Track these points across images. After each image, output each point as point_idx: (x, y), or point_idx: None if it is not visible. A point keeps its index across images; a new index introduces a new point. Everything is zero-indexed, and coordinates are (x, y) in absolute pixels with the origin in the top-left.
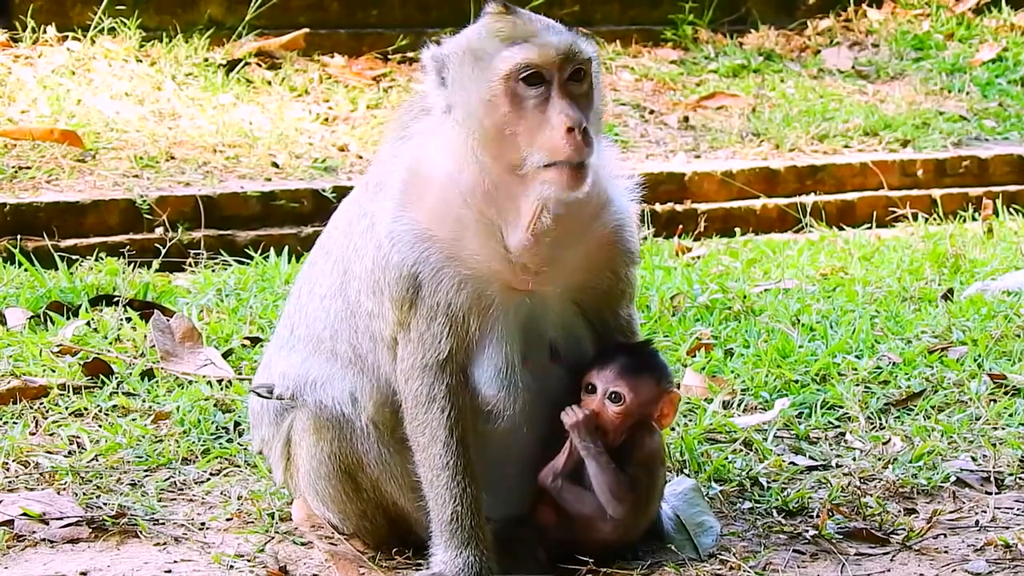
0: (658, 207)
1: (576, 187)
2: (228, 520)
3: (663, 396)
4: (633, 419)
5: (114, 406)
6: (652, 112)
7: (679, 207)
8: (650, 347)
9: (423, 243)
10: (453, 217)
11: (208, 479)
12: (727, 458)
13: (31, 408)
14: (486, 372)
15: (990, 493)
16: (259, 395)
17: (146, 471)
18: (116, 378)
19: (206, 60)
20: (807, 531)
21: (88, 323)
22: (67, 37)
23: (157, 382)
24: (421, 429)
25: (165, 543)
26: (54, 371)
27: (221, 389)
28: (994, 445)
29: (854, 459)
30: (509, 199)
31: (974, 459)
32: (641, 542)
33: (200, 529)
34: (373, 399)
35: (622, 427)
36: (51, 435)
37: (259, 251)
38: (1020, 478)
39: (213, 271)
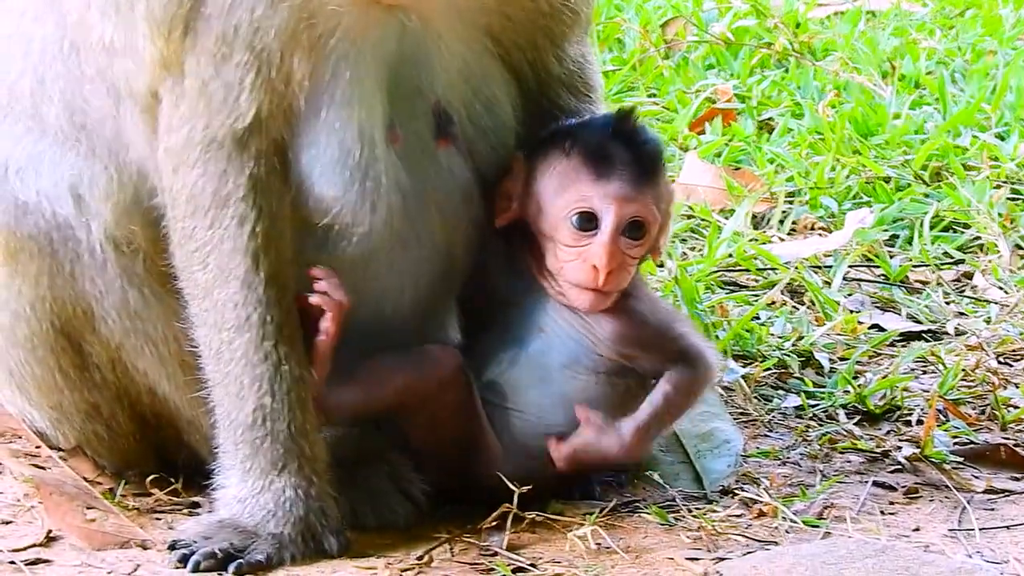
0: None
1: None
2: None
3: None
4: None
5: None
6: None
7: None
8: (633, 115)
9: None
10: None
11: None
12: (757, 317)
13: None
14: (322, 156)
15: None
16: None
17: None
18: None
19: None
20: (899, 449)
21: None
22: None
23: None
24: (201, 257)
25: None
26: None
27: None
28: None
29: (987, 321)
30: None
31: None
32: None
33: None
34: (112, 200)
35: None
36: None
37: None
38: None
39: None
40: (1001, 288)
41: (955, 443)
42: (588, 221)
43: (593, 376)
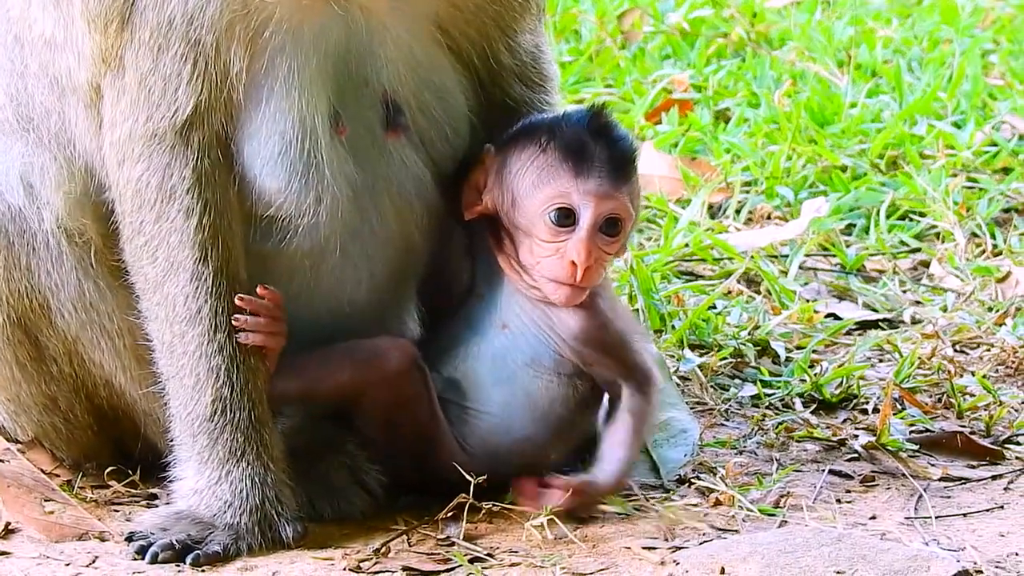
0: None
1: None
2: None
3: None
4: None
5: None
6: None
7: None
8: (607, 112)
9: None
10: None
11: None
12: (714, 306)
13: None
14: (263, 148)
15: None
16: None
17: None
18: None
19: None
20: (855, 438)
21: None
22: None
23: None
24: (150, 251)
25: None
26: None
27: None
28: None
29: (944, 309)
30: None
31: None
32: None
33: None
34: (64, 189)
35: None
36: None
37: None
38: None
39: None
40: (957, 276)
41: (911, 431)
42: (566, 217)
43: (555, 377)
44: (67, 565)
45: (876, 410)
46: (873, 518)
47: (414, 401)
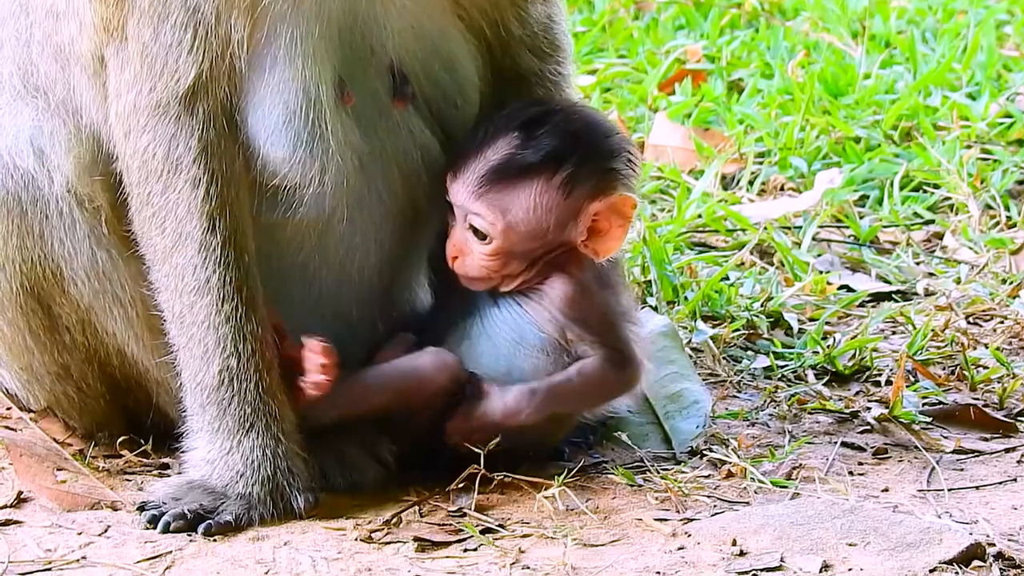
0: None
1: None
2: None
3: (591, 205)
4: (528, 259)
5: None
6: None
7: None
8: (578, 110)
9: None
10: None
11: None
12: (726, 278)
13: None
14: (267, 117)
15: None
16: None
17: None
18: None
19: None
20: (868, 410)
21: None
22: None
23: None
24: (158, 222)
25: None
26: None
27: None
28: None
29: (957, 281)
30: None
31: None
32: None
33: None
34: (73, 153)
35: (509, 271)
36: None
37: None
38: None
39: None
40: (971, 248)
41: (924, 403)
42: (451, 209)
43: (541, 355)
44: (79, 534)
45: (889, 382)
46: (885, 490)
47: (449, 405)
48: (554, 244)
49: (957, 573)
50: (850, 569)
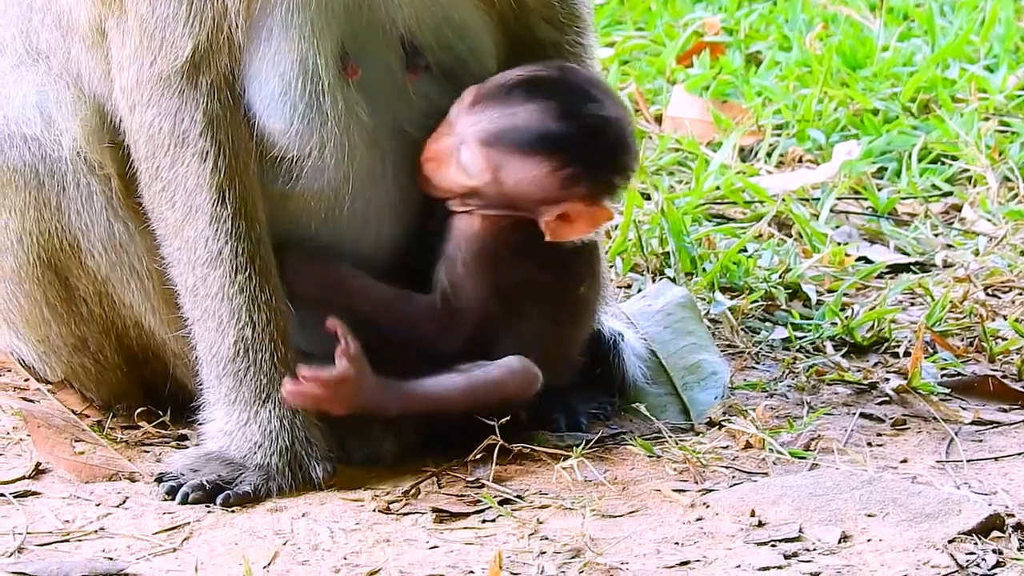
0: None
1: None
2: None
3: (577, 203)
4: (491, 205)
5: None
6: None
7: None
8: (617, 112)
9: None
10: None
11: None
12: (745, 249)
13: None
14: (263, 89)
15: None
16: None
17: None
18: None
19: None
20: (887, 381)
21: None
22: None
23: None
24: (168, 196)
25: None
26: None
27: None
28: None
29: (975, 253)
30: None
31: None
32: (585, 398)
33: None
34: (80, 116)
35: (471, 202)
36: None
37: None
38: None
39: None
40: (989, 220)
41: (943, 375)
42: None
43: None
44: (97, 505)
45: (907, 353)
46: (904, 461)
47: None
48: (520, 209)
49: (976, 543)
50: (869, 540)
